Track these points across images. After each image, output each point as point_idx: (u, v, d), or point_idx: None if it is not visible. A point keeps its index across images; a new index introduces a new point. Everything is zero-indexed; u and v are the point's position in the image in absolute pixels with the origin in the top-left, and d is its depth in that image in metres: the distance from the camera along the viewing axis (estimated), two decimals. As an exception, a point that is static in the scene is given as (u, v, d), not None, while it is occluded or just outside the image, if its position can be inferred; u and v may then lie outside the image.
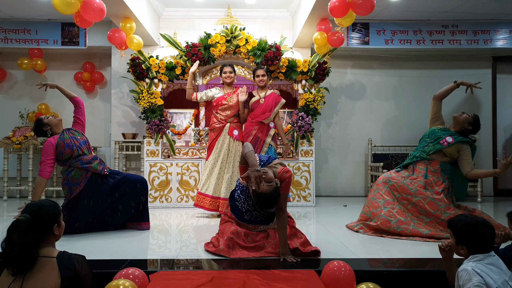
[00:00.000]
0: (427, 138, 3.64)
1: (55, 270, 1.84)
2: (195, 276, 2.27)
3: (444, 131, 3.57)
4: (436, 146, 3.52)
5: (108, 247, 3.13)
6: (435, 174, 3.53)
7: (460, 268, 1.85)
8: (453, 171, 3.56)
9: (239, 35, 4.91)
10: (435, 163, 3.54)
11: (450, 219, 2.04)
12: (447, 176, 3.52)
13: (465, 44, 6.07)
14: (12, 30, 5.96)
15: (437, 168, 3.53)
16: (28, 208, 1.93)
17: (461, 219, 1.95)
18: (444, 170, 3.53)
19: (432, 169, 3.54)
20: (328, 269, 2.20)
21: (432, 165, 3.55)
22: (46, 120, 3.64)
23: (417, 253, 2.95)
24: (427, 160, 3.56)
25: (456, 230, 1.94)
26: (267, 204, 2.55)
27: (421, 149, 3.63)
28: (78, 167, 3.57)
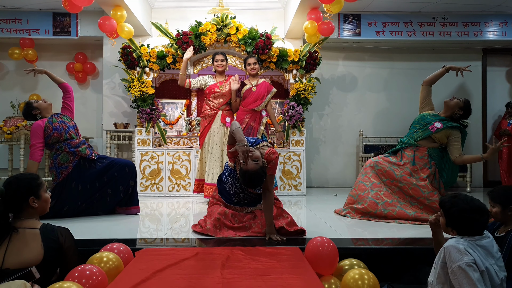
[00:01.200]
0: (416, 124, 3.66)
1: (38, 241, 1.85)
2: (180, 252, 2.29)
3: (433, 116, 3.58)
4: (425, 132, 3.53)
5: (96, 229, 3.14)
6: (422, 160, 3.55)
7: (447, 244, 1.78)
8: (442, 158, 3.56)
9: (230, 24, 4.92)
10: (422, 149, 3.55)
11: (442, 199, 1.94)
12: (434, 162, 3.54)
13: (455, 36, 6.12)
14: (2, 19, 5.93)
15: (424, 154, 3.54)
16: (7, 180, 1.94)
17: (455, 203, 1.84)
18: (432, 156, 3.53)
19: (419, 156, 3.55)
20: (311, 245, 2.22)
21: (420, 151, 3.56)
22: (36, 104, 3.64)
23: (403, 234, 2.99)
24: (414, 146, 3.58)
25: (449, 214, 1.86)
26: (253, 182, 2.57)
27: (410, 135, 3.65)
28: (66, 150, 3.58)
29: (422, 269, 2.38)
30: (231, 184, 2.93)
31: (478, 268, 1.69)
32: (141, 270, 1.92)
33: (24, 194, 1.89)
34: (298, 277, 1.86)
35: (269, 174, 2.73)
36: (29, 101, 3.69)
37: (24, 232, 1.85)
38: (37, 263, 1.80)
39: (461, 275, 1.67)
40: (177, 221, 3.51)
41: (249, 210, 2.98)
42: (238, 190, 2.92)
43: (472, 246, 1.76)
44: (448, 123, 3.48)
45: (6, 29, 5.93)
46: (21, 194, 1.89)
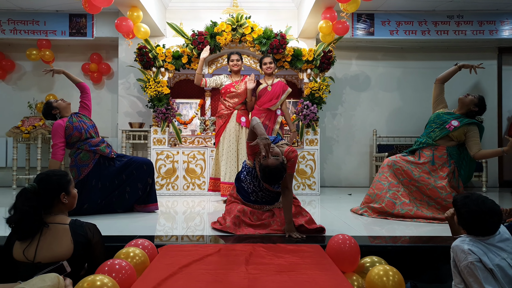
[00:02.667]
0: (432, 124, 3.64)
1: (68, 236, 1.89)
2: (202, 248, 2.32)
3: (449, 114, 3.56)
4: (442, 131, 3.51)
5: (115, 226, 3.19)
6: (441, 159, 3.53)
7: (454, 244, 1.84)
8: (460, 155, 3.54)
9: (245, 24, 4.95)
10: (441, 148, 3.53)
11: (455, 197, 1.98)
12: (453, 160, 3.52)
13: (470, 35, 6.07)
14: (20, 21, 6.04)
15: (443, 153, 3.52)
16: (38, 176, 1.99)
17: (466, 205, 1.87)
18: (451, 154, 3.52)
19: (438, 155, 3.53)
20: (333, 242, 2.23)
21: (439, 151, 3.54)
22: (55, 104, 3.71)
23: (421, 233, 2.98)
24: (433, 146, 3.56)
25: (459, 214, 1.91)
26: (273, 178, 2.58)
27: (427, 135, 3.63)
28: (86, 149, 3.64)
29: (443, 267, 2.38)
30: (249, 182, 2.96)
31: (485, 267, 1.71)
32: (167, 265, 1.95)
33: (56, 190, 1.94)
34: (323, 273, 1.88)
35: (288, 172, 2.75)
36: (49, 100, 3.76)
37: (54, 227, 1.90)
38: (67, 258, 1.84)
39: (467, 274, 1.73)
40: (193, 219, 3.55)
41: (267, 208, 3.00)
42: (256, 188, 2.94)
43: (479, 245, 1.78)
44: (465, 120, 3.47)
45: (24, 31, 6.04)
46: (53, 190, 1.94)
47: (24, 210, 1.84)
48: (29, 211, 1.84)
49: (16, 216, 1.84)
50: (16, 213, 1.84)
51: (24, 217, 1.83)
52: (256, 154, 2.74)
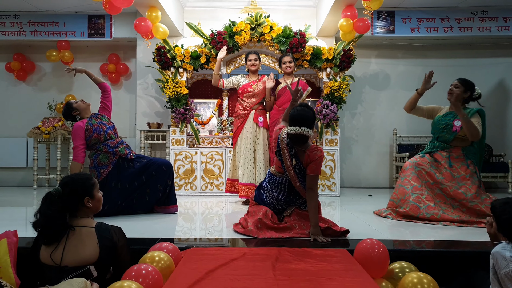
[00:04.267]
0: (437, 129, 3.59)
1: (94, 239, 1.87)
2: (227, 252, 2.28)
3: (446, 116, 3.54)
4: (450, 134, 3.47)
5: (137, 228, 3.18)
6: (458, 160, 3.47)
7: (495, 250, 1.79)
8: (476, 153, 3.48)
9: (264, 23, 4.89)
10: (456, 150, 3.49)
11: (493, 204, 1.95)
12: (470, 160, 3.45)
13: (495, 31, 5.89)
14: (41, 23, 6.11)
15: (460, 154, 3.47)
16: (62, 180, 1.98)
17: (505, 211, 1.84)
18: (467, 155, 3.46)
19: (455, 155, 3.48)
20: (361, 247, 2.17)
21: (455, 151, 3.49)
22: (75, 105, 3.71)
23: (448, 236, 2.88)
24: (448, 148, 3.51)
25: (498, 221, 1.87)
26: (302, 116, 2.64)
27: (438, 139, 3.57)
28: (105, 151, 3.64)
29: (476, 274, 2.29)
30: (269, 192, 2.93)
31: None
32: (193, 269, 1.91)
33: (80, 194, 1.93)
34: (353, 279, 1.81)
35: (313, 174, 2.69)
36: (69, 101, 3.77)
37: (80, 230, 1.88)
38: (94, 261, 1.82)
39: (508, 282, 1.68)
40: (212, 220, 3.51)
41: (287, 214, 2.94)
42: (274, 200, 2.90)
43: None
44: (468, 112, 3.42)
45: (44, 32, 6.10)
46: (77, 194, 1.92)
47: (49, 214, 1.83)
48: (54, 215, 1.83)
49: (41, 220, 1.83)
50: (41, 218, 1.84)
51: (49, 221, 1.82)
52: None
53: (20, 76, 6.52)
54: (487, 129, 6.10)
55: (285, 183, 2.87)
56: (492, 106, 6.40)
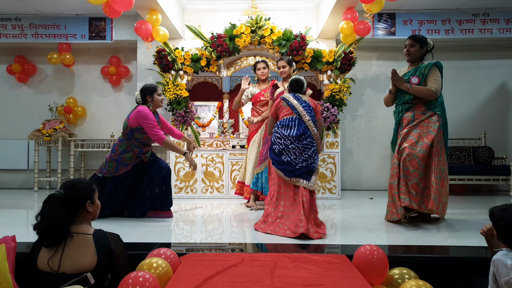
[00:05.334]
0: (398, 93, 3.53)
1: (92, 247, 1.87)
2: (225, 258, 2.27)
3: (405, 76, 3.46)
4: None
5: (136, 232, 3.17)
6: (422, 116, 3.35)
7: (496, 257, 1.78)
8: (439, 106, 3.36)
9: (264, 25, 4.89)
10: (419, 106, 3.39)
11: (492, 211, 1.92)
12: (433, 112, 3.33)
13: (496, 33, 5.86)
14: (42, 25, 6.11)
15: (423, 109, 3.37)
16: (63, 184, 1.98)
17: (504, 217, 1.82)
18: (431, 108, 3.35)
19: (419, 112, 3.38)
20: (361, 253, 2.15)
21: (418, 108, 3.39)
22: (156, 96, 3.71)
23: (448, 241, 2.87)
24: (411, 108, 3.42)
25: (498, 228, 1.85)
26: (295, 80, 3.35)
27: (400, 102, 3.50)
28: (135, 153, 3.66)
29: (476, 279, 2.27)
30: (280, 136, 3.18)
31: None
32: (190, 276, 1.90)
33: (82, 197, 1.93)
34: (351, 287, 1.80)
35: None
36: (156, 87, 3.75)
37: (78, 237, 1.87)
38: (91, 269, 1.82)
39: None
40: (211, 223, 3.50)
41: (302, 183, 3.04)
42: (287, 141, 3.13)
43: None
44: (421, 69, 3.40)
45: (45, 35, 6.11)
46: (79, 197, 1.93)
47: (52, 215, 1.82)
48: (58, 216, 1.83)
49: (44, 222, 1.83)
50: (43, 219, 1.83)
51: (52, 223, 1.81)
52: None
53: (21, 78, 6.53)
54: (488, 132, 6.16)
55: (295, 120, 3.20)
56: (494, 109, 6.39)
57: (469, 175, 5.51)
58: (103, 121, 6.61)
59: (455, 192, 6.01)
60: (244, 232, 3.18)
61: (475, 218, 4.04)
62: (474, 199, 5.34)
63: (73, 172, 6.05)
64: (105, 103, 6.64)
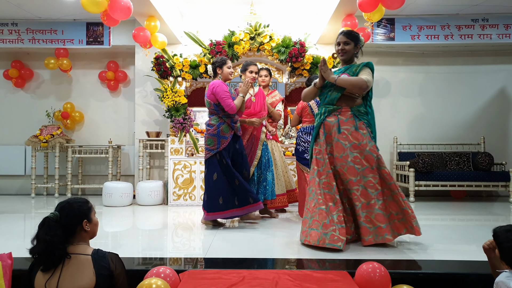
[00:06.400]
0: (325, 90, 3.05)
1: (90, 267, 1.83)
2: (226, 275, 2.23)
3: (335, 73, 3.00)
4: (338, 90, 2.94)
5: (134, 246, 3.14)
6: (348, 123, 2.93)
7: (499, 279, 1.75)
8: (367, 114, 3.02)
9: (263, 32, 4.87)
10: (345, 111, 2.96)
11: (496, 230, 1.86)
12: (362, 121, 2.95)
13: (496, 39, 5.86)
14: (39, 30, 6.07)
15: (349, 116, 2.94)
16: (59, 205, 1.94)
17: (508, 239, 1.77)
18: (357, 115, 2.95)
19: (344, 119, 2.94)
20: (363, 271, 2.13)
21: (343, 114, 2.96)
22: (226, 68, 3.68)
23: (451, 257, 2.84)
24: (335, 110, 2.97)
25: (501, 249, 1.81)
26: None
27: (324, 103, 3.04)
28: (228, 123, 3.65)
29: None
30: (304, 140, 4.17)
31: None
32: (190, 298, 1.87)
33: (78, 217, 1.89)
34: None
35: None
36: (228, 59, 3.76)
37: (76, 258, 1.84)
38: (89, 291, 1.78)
39: None
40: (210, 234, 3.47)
41: None
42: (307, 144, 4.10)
43: None
44: (353, 68, 2.98)
45: (42, 40, 6.07)
46: (75, 217, 1.89)
47: (48, 240, 1.79)
48: (53, 240, 1.79)
49: (39, 246, 1.79)
50: (39, 243, 1.80)
51: (48, 247, 1.78)
52: None
53: (18, 83, 6.48)
54: (487, 137, 6.15)
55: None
56: (493, 114, 6.39)
57: (469, 181, 5.49)
58: (101, 126, 6.57)
59: (455, 198, 6.00)
60: (244, 245, 3.15)
61: (476, 226, 4.02)
62: (474, 205, 5.33)
63: (70, 178, 6.00)
64: (103, 108, 6.60)
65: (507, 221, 4.39)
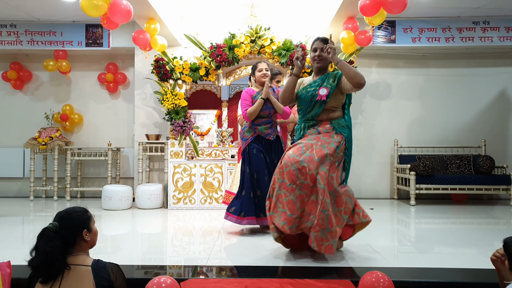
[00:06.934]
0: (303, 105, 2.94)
1: (90, 279, 1.80)
2: (227, 285, 2.21)
3: (311, 86, 2.90)
4: (318, 105, 2.85)
5: (134, 253, 3.11)
6: (327, 134, 2.85)
7: None
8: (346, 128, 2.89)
9: (264, 35, 4.84)
10: (324, 124, 2.90)
11: (506, 241, 1.83)
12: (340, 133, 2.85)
13: (497, 41, 5.84)
14: (38, 32, 6.03)
15: (328, 128, 2.88)
16: (57, 215, 1.91)
17: None
18: (336, 128, 2.87)
19: (323, 129, 2.89)
20: (366, 280, 2.10)
21: (322, 126, 2.90)
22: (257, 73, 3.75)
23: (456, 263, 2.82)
24: (316, 124, 2.91)
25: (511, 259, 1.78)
26: None
27: (304, 118, 2.96)
28: (249, 125, 3.72)
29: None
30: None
31: None
32: (192, 309, 1.84)
33: (78, 226, 1.87)
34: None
35: None
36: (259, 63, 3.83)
37: (76, 269, 1.81)
38: (89, 303, 1.75)
39: None
40: (211, 241, 3.45)
41: None
42: None
43: None
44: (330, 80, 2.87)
45: (41, 42, 6.03)
46: (75, 227, 1.86)
47: (47, 251, 1.76)
48: (52, 251, 1.76)
49: (38, 257, 1.76)
50: (38, 255, 1.76)
51: (47, 259, 1.75)
52: None
53: (17, 85, 6.44)
54: (488, 140, 6.13)
55: None
56: (494, 116, 6.37)
57: (470, 184, 5.47)
58: (100, 128, 6.53)
59: (456, 201, 5.99)
60: (245, 252, 3.12)
61: (477, 230, 4.00)
62: (475, 209, 5.31)
63: (69, 181, 5.97)
64: (102, 110, 6.56)
65: (508, 225, 4.38)
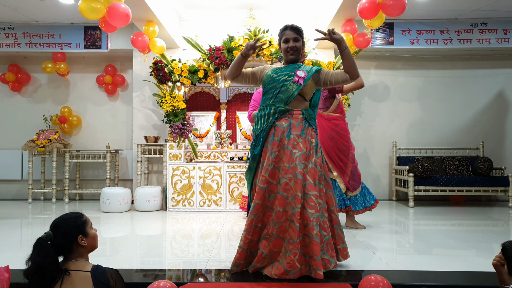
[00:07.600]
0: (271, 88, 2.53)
1: (90, 284, 1.80)
2: (227, 289, 2.21)
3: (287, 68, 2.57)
4: (294, 87, 2.47)
5: (133, 257, 3.11)
6: (298, 128, 2.48)
7: None
8: (314, 119, 2.57)
9: (263, 37, 4.84)
10: (297, 113, 2.51)
11: (505, 245, 1.82)
12: (312, 128, 2.52)
13: (494, 43, 5.85)
14: (36, 34, 6.02)
15: (300, 119, 2.50)
16: (52, 223, 1.91)
17: None
18: (308, 119, 2.53)
19: (295, 123, 2.49)
20: (365, 284, 2.10)
21: (294, 117, 2.50)
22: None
23: (454, 268, 2.83)
24: (287, 112, 2.50)
25: (510, 263, 1.78)
26: None
27: (275, 100, 2.51)
28: None
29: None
30: None
31: None
32: (192, 314, 1.84)
33: (73, 233, 1.86)
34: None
35: None
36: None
37: (75, 274, 1.80)
38: (89, 309, 1.75)
39: None
40: (210, 245, 3.44)
41: None
42: None
43: None
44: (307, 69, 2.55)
45: (39, 44, 6.02)
46: (70, 234, 1.85)
47: (38, 261, 1.75)
48: (44, 261, 1.76)
49: (30, 268, 1.75)
50: (33, 266, 1.76)
51: (38, 269, 1.74)
52: None
53: (15, 87, 6.42)
54: (486, 141, 6.16)
55: None
56: (492, 118, 6.39)
57: (468, 186, 5.49)
58: (99, 130, 6.52)
59: (454, 203, 6.00)
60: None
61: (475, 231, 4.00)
62: (473, 210, 5.32)
63: (68, 183, 5.95)
64: (101, 112, 6.56)
65: (506, 226, 4.38)
